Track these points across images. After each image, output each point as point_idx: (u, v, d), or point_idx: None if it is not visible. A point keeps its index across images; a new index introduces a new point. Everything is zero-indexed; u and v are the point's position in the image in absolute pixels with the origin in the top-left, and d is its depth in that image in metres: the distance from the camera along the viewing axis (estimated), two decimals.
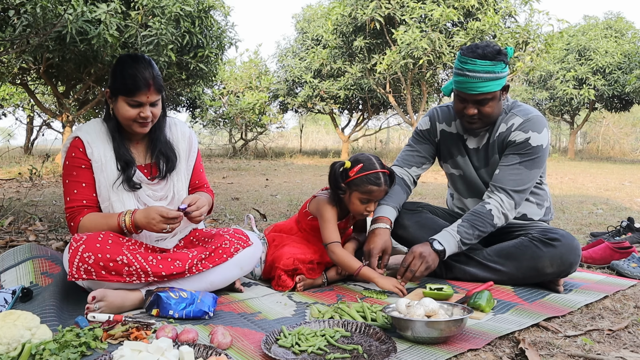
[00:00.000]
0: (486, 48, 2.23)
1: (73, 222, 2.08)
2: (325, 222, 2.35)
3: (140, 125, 2.09)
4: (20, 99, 14.20)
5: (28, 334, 1.50)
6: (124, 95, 2.04)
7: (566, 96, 17.06)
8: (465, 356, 1.59)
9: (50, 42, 6.33)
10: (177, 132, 2.31)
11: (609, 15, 18.90)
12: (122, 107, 2.06)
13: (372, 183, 2.26)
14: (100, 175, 2.10)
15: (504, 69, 2.24)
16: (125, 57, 2.10)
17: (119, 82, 2.04)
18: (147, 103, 2.06)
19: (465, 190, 2.59)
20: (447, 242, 2.25)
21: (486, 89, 2.23)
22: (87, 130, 2.14)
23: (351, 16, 11.10)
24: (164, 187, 2.24)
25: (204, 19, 7.23)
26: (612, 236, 3.37)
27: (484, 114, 2.31)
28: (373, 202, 2.32)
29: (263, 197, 5.88)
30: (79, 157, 2.10)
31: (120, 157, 2.13)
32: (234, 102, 14.59)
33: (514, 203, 2.31)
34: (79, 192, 2.09)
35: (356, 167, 2.28)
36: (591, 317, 1.97)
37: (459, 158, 2.54)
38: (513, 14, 10.70)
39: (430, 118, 2.59)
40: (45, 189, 6.16)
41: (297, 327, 1.73)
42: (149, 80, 2.03)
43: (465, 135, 2.50)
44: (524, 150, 2.33)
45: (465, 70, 2.23)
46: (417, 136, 2.62)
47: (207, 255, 2.10)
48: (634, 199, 6.14)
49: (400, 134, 26.27)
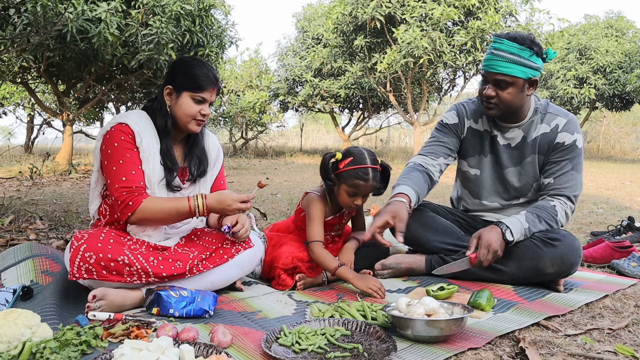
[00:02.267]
0: (520, 33, 2.24)
1: (132, 202, 1.99)
2: (311, 220, 2.36)
3: (197, 123, 2.13)
4: (21, 97, 14.19)
5: (29, 333, 1.50)
6: (191, 90, 2.08)
7: (567, 95, 17.03)
8: (466, 355, 1.59)
9: (51, 41, 6.33)
10: (209, 141, 2.34)
11: (610, 15, 18.89)
12: (186, 102, 2.10)
13: (359, 178, 2.24)
14: (145, 165, 2.08)
15: (531, 57, 2.22)
16: (189, 57, 2.16)
17: (187, 78, 2.09)
18: (210, 101, 2.13)
19: (477, 191, 2.56)
20: (517, 232, 2.21)
21: (506, 70, 2.22)
22: (135, 120, 2.10)
23: (352, 15, 11.09)
24: (192, 191, 2.24)
25: (204, 17, 7.24)
26: (612, 235, 3.37)
27: (501, 100, 2.28)
28: (360, 196, 2.32)
29: (263, 196, 5.88)
30: (129, 142, 2.06)
31: (168, 157, 2.14)
32: (235, 101, 14.57)
33: (574, 207, 2.34)
34: (137, 173, 2.04)
35: (346, 160, 2.28)
36: (591, 316, 1.97)
37: (482, 157, 2.51)
38: (514, 13, 10.68)
39: (458, 113, 2.55)
40: (45, 188, 6.16)
41: (297, 326, 1.73)
42: (214, 79, 2.12)
43: (495, 131, 2.47)
44: (573, 154, 2.33)
45: (492, 49, 2.26)
46: (444, 128, 2.56)
47: (207, 255, 2.10)
48: (634, 198, 6.14)
49: (400, 133, 26.25)
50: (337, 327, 1.75)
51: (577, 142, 2.34)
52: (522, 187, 2.47)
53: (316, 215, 2.35)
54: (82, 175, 7.80)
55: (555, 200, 2.32)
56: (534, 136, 2.39)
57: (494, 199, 2.53)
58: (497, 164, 2.48)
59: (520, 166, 2.44)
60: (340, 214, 2.50)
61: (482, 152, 2.50)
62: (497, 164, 2.48)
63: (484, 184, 2.53)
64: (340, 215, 2.50)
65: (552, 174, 2.35)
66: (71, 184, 6.81)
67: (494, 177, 2.51)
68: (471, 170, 2.55)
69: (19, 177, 7.17)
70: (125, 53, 6.87)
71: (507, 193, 2.50)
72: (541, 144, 2.39)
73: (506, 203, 2.52)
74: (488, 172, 2.51)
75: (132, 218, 2.01)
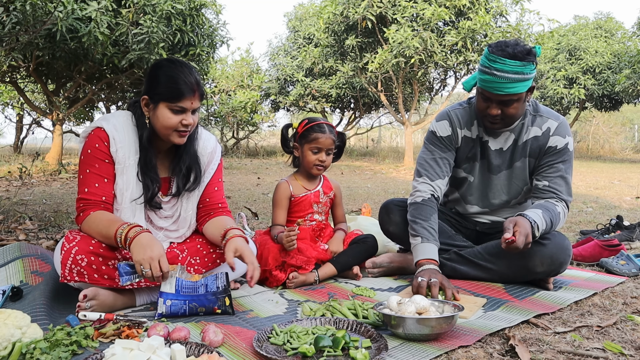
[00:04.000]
0: (516, 47, 2.12)
1: (82, 214, 1.94)
2: (273, 205, 2.58)
3: (180, 135, 1.97)
4: (10, 97, 14.05)
5: (18, 333, 1.49)
6: (167, 101, 1.91)
7: (557, 95, 17.15)
8: (456, 353, 1.60)
9: (40, 40, 6.29)
10: (202, 143, 2.17)
11: (599, 16, 19.03)
12: (164, 114, 1.92)
13: (317, 131, 2.49)
14: (119, 177, 1.99)
15: (532, 70, 2.15)
16: (165, 61, 1.97)
17: (162, 87, 1.91)
18: (190, 109, 1.95)
19: (468, 195, 2.54)
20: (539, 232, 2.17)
21: (513, 90, 2.14)
22: (115, 126, 1.98)
23: (343, 15, 11.10)
24: (173, 206, 2.13)
25: (195, 17, 7.22)
26: (601, 234, 3.40)
27: (507, 115, 2.23)
28: (323, 151, 2.51)
29: (255, 196, 5.88)
30: (102, 150, 1.96)
31: (147, 173, 2.00)
32: (226, 100, 14.53)
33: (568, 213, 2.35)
34: (101, 186, 1.95)
35: (302, 123, 2.57)
36: (580, 313, 1.99)
37: (474, 163, 2.47)
38: (504, 14, 10.73)
39: (451, 122, 2.45)
40: (35, 188, 6.12)
41: (288, 325, 1.73)
42: (194, 84, 1.92)
43: (486, 137, 2.42)
44: (565, 157, 2.32)
45: (494, 69, 2.13)
46: (439, 142, 2.46)
47: (198, 259, 2.09)
48: (623, 197, 6.20)
49: (392, 132, 26.31)
50: (328, 326, 1.75)
51: (569, 145, 2.33)
52: (512, 191, 2.46)
53: (277, 199, 2.56)
54: (72, 175, 7.74)
55: (559, 206, 2.28)
56: (524, 139, 2.37)
57: (484, 202, 2.53)
58: (488, 169, 2.46)
59: (511, 169, 2.43)
60: (316, 191, 2.58)
61: (474, 157, 2.46)
62: (488, 169, 2.46)
63: (476, 188, 2.52)
64: (315, 193, 2.57)
65: (546, 177, 2.33)
66: (61, 184, 6.77)
67: (485, 181, 2.49)
68: (467, 176, 2.52)
69: (8, 177, 7.11)
70: (115, 52, 6.84)
71: (497, 197, 2.49)
72: (532, 147, 2.36)
73: (496, 206, 2.52)
74: (479, 177, 2.49)
75: (82, 228, 1.96)
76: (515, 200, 2.50)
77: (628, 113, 25.38)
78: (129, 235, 1.81)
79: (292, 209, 2.57)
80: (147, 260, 1.77)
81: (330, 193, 2.65)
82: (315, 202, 2.57)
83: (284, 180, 2.59)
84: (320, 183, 2.64)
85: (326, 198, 2.63)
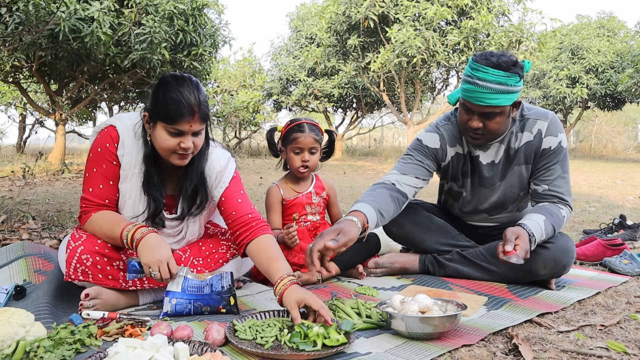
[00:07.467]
0: (501, 57, 2.05)
1: (84, 215, 1.93)
2: (267, 210, 2.59)
3: (180, 157, 1.87)
4: (13, 97, 14.11)
5: (22, 332, 1.50)
6: (163, 121, 1.80)
7: (559, 95, 17.13)
8: (459, 352, 1.60)
9: (43, 40, 6.30)
10: (212, 161, 2.04)
11: (602, 15, 19.02)
12: (161, 135, 1.83)
13: (295, 131, 2.48)
14: (121, 183, 1.94)
15: (517, 83, 2.06)
16: (170, 77, 1.85)
17: (160, 106, 1.80)
18: (189, 132, 1.82)
19: (465, 207, 2.52)
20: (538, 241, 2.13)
21: (495, 101, 2.07)
22: (127, 128, 1.92)
23: (345, 14, 11.11)
24: (177, 225, 2.07)
25: (197, 17, 7.22)
26: (604, 233, 3.40)
27: (488, 130, 2.16)
28: (305, 150, 2.48)
29: (257, 196, 5.88)
30: (111, 151, 1.91)
31: (149, 190, 1.94)
32: (228, 100, 14.55)
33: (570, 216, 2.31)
34: (105, 188, 1.92)
35: (285, 125, 2.56)
36: (584, 313, 1.99)
37: (467, 179, 2.42)
38: (506, 13, 10.75)
39: (441, 139, 2.38)
40: (38, 188, 6.13)
41: (243, 321, 1.72)
42: (193, 106, 1.78)
43: (476, 151, 2.35)
44: (560, 156, 2.26)
45: (475, 78, 2.06)
46: (424, 150, 2.39)
47: (201, 260, 2.08)
48: (625, 196, 6.18)
49: (394, 132, 26.33)
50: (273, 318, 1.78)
51: (562, 143, 2.27)
52: (507, 199, 2.42)
53: (269, 203, 2.57)
54: (75, 175, 7.76)
55: (564, 211, 2.25)
56: (516, 147, 2.30)
57: (481, 213, 2.51)
58: (480, 184, 2.41)
59: (505, 180, 2.37)
60: (307, 193, 2.57)
61: (466, 173, 2.42)
62: (480, 184, 2.41)
63: (469, 202, 2.49)
64: (307, 194, 2.57)
65: (544, 180, 2.28)
66: (64, 183, 6.78)
67: (478, 195, 2.45)
68: (459, 190, 2.49)
69: (11, 177, 7.12)
70: (118, 52, 6.85)
71: (493, 209, 2.47)
72: (526, 153, 2.30)
73: (493, 214, 2.50)
74: (472, 192, 2.45)
75: (85, 228, 1.95)
76: (513, 206, 2.47)
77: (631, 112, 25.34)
78: (135, 237, 1.80)
79: (285, 212, 2.57)
80: (155, 263, 1.76)
81: (323, 193, 2.63)
82: (307, 203, 2.56)
83: (274, 185, 2.59)
84: (312, 184, 2.62)
85: (319, 199, 2.62)
